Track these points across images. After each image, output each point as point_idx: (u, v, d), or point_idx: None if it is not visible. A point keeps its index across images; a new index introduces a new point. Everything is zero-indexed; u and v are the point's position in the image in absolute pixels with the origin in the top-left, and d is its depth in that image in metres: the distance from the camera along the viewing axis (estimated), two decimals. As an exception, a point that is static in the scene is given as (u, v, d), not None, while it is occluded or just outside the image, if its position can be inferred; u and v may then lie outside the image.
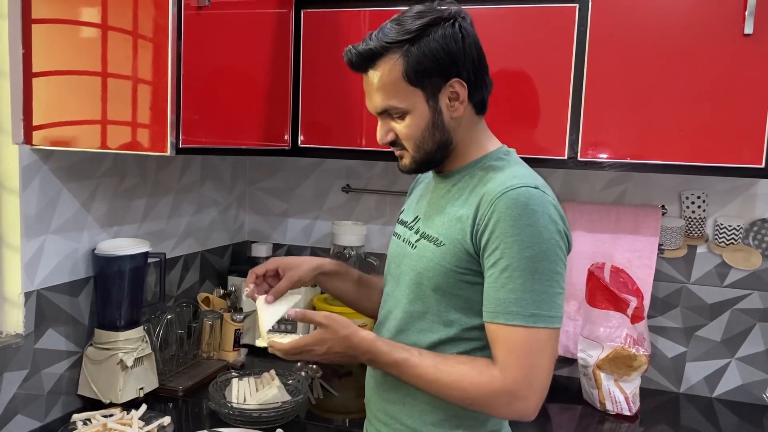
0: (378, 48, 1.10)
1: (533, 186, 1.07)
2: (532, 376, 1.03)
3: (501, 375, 1.03)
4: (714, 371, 1.95)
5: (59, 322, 1.58)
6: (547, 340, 1.03)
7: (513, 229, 1.03)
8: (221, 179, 2.24)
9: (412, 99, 1.12)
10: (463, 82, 1.12)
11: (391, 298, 1.24)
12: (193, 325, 1.96)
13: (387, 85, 1.12)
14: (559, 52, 1.65)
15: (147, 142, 1.38)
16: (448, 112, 1.13)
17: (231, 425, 1.55)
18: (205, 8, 1.43)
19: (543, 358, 1.03)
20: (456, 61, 1.10)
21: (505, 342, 1.04)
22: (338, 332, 1.10)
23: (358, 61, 1.13)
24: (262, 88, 1.75)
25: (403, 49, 1.09)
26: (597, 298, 1.80)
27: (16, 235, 1.47)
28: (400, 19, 1.11)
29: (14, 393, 1.47)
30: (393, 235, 1.30)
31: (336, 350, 1.11)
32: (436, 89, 1.11)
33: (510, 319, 1.03)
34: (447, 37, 1.09)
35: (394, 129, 1.16)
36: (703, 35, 1.56)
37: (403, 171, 1.21)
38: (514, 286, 1.03)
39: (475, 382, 1.05)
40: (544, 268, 1.03)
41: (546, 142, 1.69)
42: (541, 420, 1.77)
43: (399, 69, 1.10)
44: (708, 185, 1.93)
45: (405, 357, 1.09)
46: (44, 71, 1.44)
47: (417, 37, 1.08)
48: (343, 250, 2.17)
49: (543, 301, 1.03)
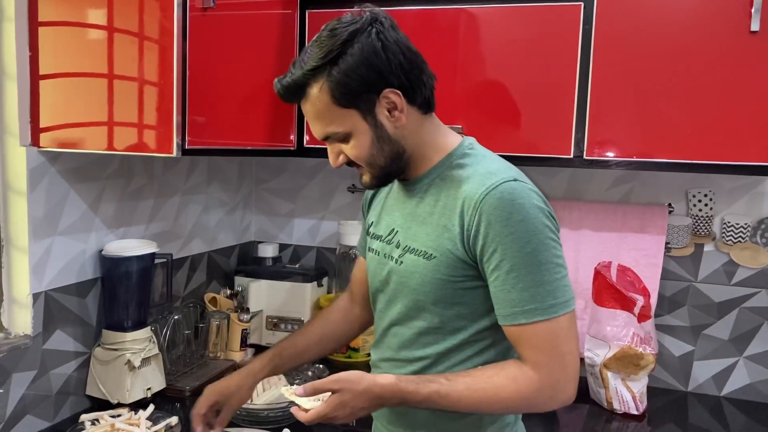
0: (301, 79, 1.06)
1: (512, 179, 1.05)
2: (566, 363, 1.04)
3: (536, 373, 1.03)
4: (722, 370, 1.94)
5: (67, 323, 1.59)
6: (569, 325, 1.04)
7: (507, 228, 1.02)
8: (227, 180, 2.25)
9: (349, 121, 1.07)
10: (396, 90, 1.06)
11: (385, 316, 1.21)
12: (200, 325, 1.97)
13: (321, 113, 1.08)
14: (564, 50, 1.65)
15: (153, 143, 1.39)
16: (390, 124, 1.09)
17: (238, 425, 1.55)
18: (210, 10, 1.43)
19: (570, 343, 1.04)
20: (381, 72, 1.05)
21: (531, 340, 1.04)
22: (355, 389, 1.05)
23: (286, 94, 1.10)
24: (268, 88, 1.74)
25: (325, 74, 1.04)
26: (604, 297, 1.80)
27: (24, 236, 1.48)
28: (317, 41, 1.06)
29: (23, 393, 1.48)
30: (368, 251, 1.26)
31: (361, 406, 1.06)
32: (371, 105, 1.07)
33: (531, 316, 1.02)
34: (365, 49, 1.03)
35: (343, 151, 1.12)
36: (710, 32, 1.55)
37: (366, 188, 1.19)
38: (524, 284, 1.02)
39: (513, 390, 1.04)
40: (546, 258, 1.02)
41: (551, 141, 1.68)
42: (548, 420, 1.77)
43: (326, 95, 1.05)
44: (715, 183, 1.92)
45: (435, 389, 1.04)
46: (51, 73, 1.45)
47: (335, 58, 1.03)
48: (349, 249, 2.17)
49: (556, 289, 1.03)
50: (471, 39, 1.72)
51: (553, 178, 2.05)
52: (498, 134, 1.71)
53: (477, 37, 1.71)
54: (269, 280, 2.17)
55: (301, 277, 2.16)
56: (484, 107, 1.72)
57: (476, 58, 1.72)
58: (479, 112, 1.72)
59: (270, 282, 2.17)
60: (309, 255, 2.36)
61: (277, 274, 2.18)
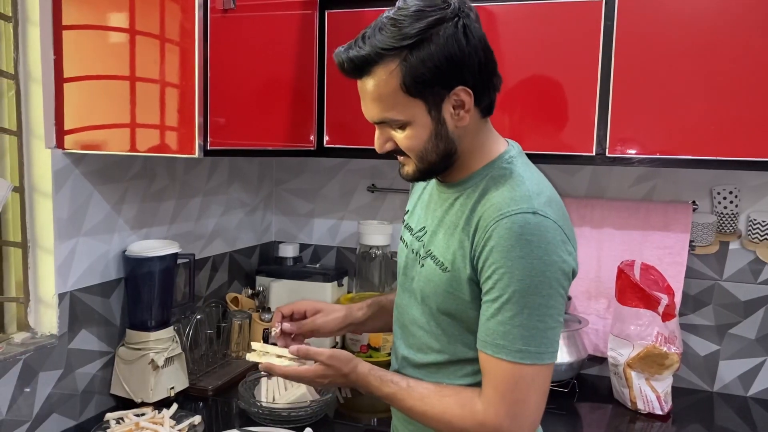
0: (372, 55, 0.99)
1: (531, 212, 0.98)
2: (516, 411, 1.00)
3: (483, 409, 1.01)
4: (748, 370, 1.91)
5: (92, 323, 1.60)
6: (534, 377, 0.99)
7: (504, 260, 0.97)
8: (248, 181, 2.26)
9: (412, 110, 1.01)
10: (468, 89, 1.01)
11: (406, 311, 1.20)
12: (222, 324, 1.98)
13: (383, 96, 1.01)
14: (585, 47, 1.63)
15: (175, 144, 1.40)
16: (453, 122, 1.03)
17: (261, 424, 1.56)
18: (231, 11, 1.44)
19: (529, 394, 1.00)
20: (460, 67, 0.99)
21: (491, 374, 1.01)
22: (340, 371, 1.12)
23: (350, 68, 1.02)
24: (288, 89, 1.76)
25: (401, 57, 0.97)
26: (627, 295, 1.78)
27: (49, 237, 1.50)
28: (396, 20, 0.98)
29: (49, 392, 1.50)
30: (400, 240, 1.26)
31: (336, 383, 1.15)
32: (439, 99, 1.01)
33: (496, 351, 0.99)
34: (449, 41, 0.97)
35: (394, 138, 1.07)
36: (734, 26, 1.53)
37: (405, 179, 1.13)
38: (503, 318, 0.98)
39: (457, 415, 1.04)
40: (534, 303, 0.97)
41: (573, 138, 1.67)
42: (572, 420, 1.75)
43: (396, 79, 0.99)
44: (740, 180, 1.89)
45: (393, 392, 1.09)
46: (75, 76, 1.47)
47: (416, 43, 0.96)
48: (369, 249, 2.17)
49: (531, 337, 0.98)
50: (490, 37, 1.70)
51: (574, 176, 2.04)
52: (519, 132, 1.70)
53: (496, 35, 1.70)
54: (290, 279, 2.18)
55: (322, 276, 2.17)
56: (504, 106, 1.70)
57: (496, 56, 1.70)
58: (500, 111, 1.69)
59: (291, 282, 2.18)
60: (329, 255, 2.36)
61: (297, 273, 2.19)
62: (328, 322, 1.33)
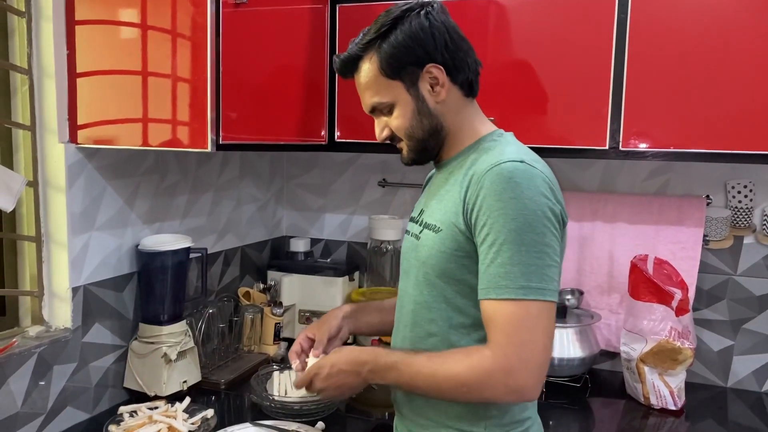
0: (356, 52, 1.18)
1: (518, 160, 1.06)
2: (525, 351, 1.01)
3: (491, 352, 1.03)
4: (763, 365, 1.90)
5: (105, 317, 1.61)
6: (538, 314, 1.02)
7: (498, 203, 1.03)
8: (259, 176, 2.26)
9: (393, 91, 1.17)
10: (438, 66, 1.14)
11: (404, 293, 1.24)
12: (235, 319, 1.99)
13: (369, 83, 1.18)
14: (599, 39, 1.62)
15: (187, 139, 1.41)
16: (432, 98, 1.16)
17: (273, 418, 1.57)
18: (242, 5, 1.44)
19: (536, 333, 1.02)
20: (426, 46, 1.13)
21: (496, 318, 1.03)
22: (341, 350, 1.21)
23: (342, 69, 1.22)
24: (299, 83, 1.76)
25: (376, 47, 1.15)
26: (640, 290, 1.76)
27: (63, 232, 1.50)
28: (374, 22, 1.17)
29: (64, 385, 1.51)
30: (405, 233, 1.30)
31: (340, 366, 1.18)
32: (414, 77, 1.15)
33: (500, 293, 1.02)
34: (413, 25, 1.13)
35: (388, 124, 1.21)
36: (748, 18, 1.51)
37: (404, 163, 1.25)
38: (502, 260, 1.02)
39: (466, 365, 1.04)
40: (531, 240, 1.02)
41: (586, 132, 1.65)
42: (584, 414, 1.75)
43: (375, 66, 1.16)
44: (755, 174, 1.87)
45: (399, 358, 1.12)
46: (88, 71, 1.47)
47: (386, 31, 1.14)
48: (380, 244, 2.17)
49: (532, 273, 1.01)
50: (503, 29, 1.71)
51: (586, 171, 2.03)
52: (531, 126, 1.69)
53: (508, 27, 1.69)
54: (301, 274, 2.19)
55: (333, 271, 2.17)
56: (517, 99, 1.70)
57: (508, 49, 1.70)
58: (512, 104, 1.70)
59: (302, 276, 2.19)
60: (340, 249, 2.36)
61: (309, 268, 2.20)
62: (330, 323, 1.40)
